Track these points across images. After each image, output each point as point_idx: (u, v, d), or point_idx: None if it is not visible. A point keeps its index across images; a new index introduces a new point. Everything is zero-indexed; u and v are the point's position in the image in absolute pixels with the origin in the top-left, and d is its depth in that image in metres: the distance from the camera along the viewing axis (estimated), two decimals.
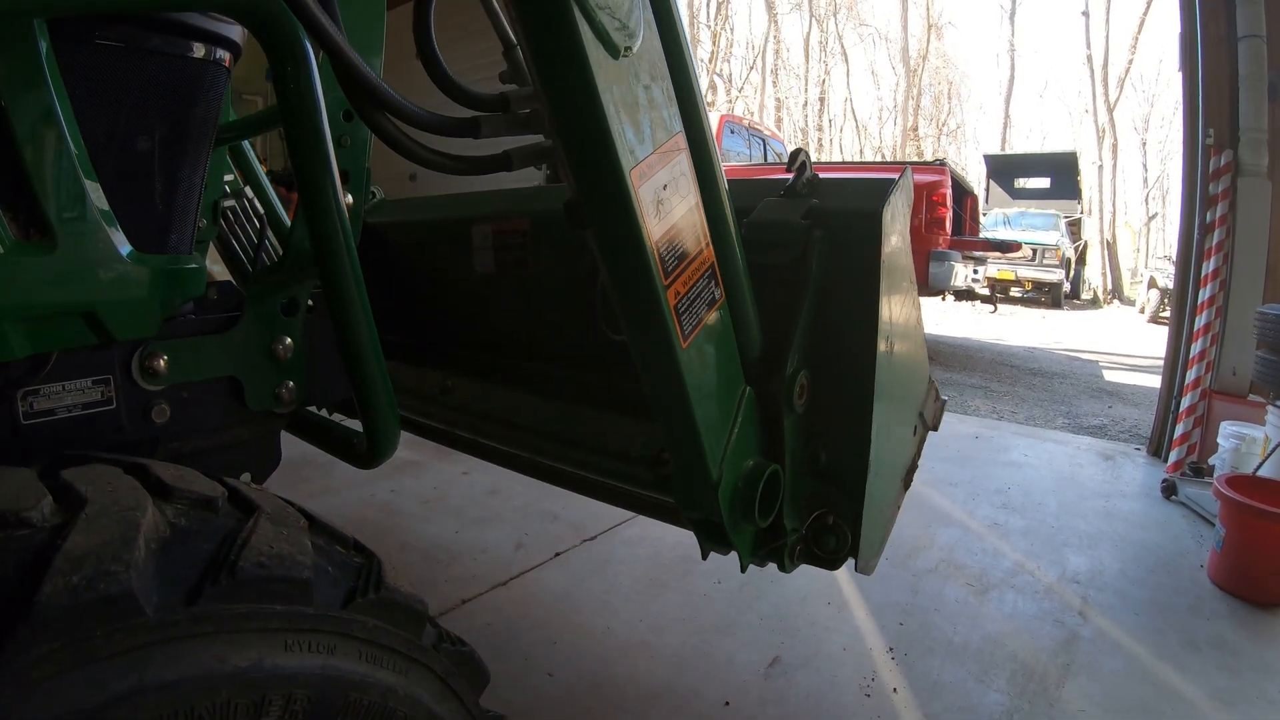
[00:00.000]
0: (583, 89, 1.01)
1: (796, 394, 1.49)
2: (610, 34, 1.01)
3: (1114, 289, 25.98)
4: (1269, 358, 3.69)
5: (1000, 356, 9.89)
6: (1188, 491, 4.01)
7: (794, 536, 1.58)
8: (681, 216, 1.20)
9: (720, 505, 1.34)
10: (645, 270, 1.13)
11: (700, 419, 1.26)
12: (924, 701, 2.18)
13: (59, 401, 1.09)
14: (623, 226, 1.11)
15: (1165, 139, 34.13)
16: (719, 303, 1.31)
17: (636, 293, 1.17)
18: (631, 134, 1.08)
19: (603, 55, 1.01)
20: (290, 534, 0.80)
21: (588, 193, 1.12)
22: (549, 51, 1.02)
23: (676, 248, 1.18)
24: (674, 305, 1.18)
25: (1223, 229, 4.57)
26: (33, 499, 0.70)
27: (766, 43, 35.20)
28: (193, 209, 1.30)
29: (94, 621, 0.62)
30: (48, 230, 0.97)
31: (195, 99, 1.23)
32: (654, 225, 1.13)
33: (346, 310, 1.29)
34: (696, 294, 1.24)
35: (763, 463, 1.44)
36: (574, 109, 1.04)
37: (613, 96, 1.04)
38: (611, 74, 1.04)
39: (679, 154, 1.20)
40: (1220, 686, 2.33)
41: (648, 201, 1.11)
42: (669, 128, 1.18)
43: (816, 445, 1.59)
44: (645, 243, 1.11)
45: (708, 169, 1.32)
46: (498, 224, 2.10)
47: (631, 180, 1.08)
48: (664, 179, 1.15)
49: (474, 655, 0.98)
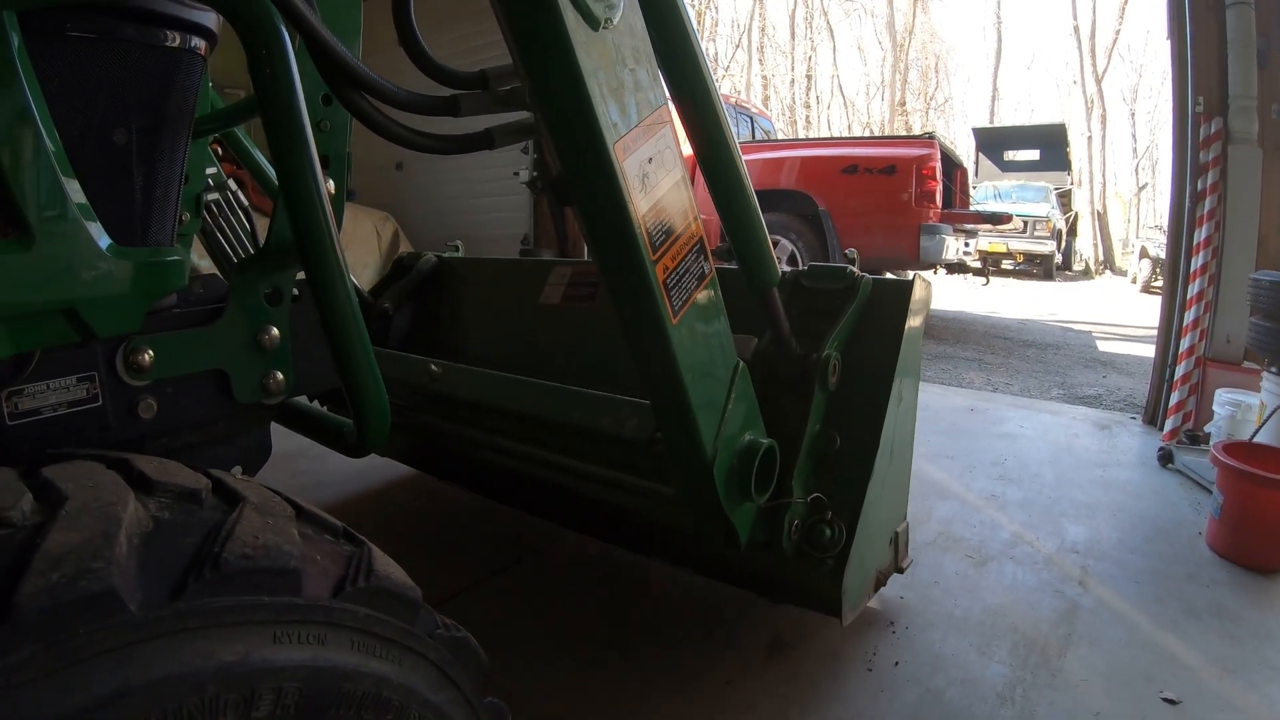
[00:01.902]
0: (562, 62, 1.01)
1: (830, 371, 1.69)
2: (589, 5, 1.01)
3: (1105, 260, 25.99)
4: (1263, 324, 3.68)
5: (993, 329, 9.89)
6: (1184, 459, 4.01)
7: (797, 505, 1.64)
8: (668, 190, 1.19)
9: (716, 482, 1.35)
10: (633, 245, 1.12)
11: (693, 396, 1.26)
12: (926, 675, 2.18)
13: (44, 401, 1.07)
14: (608, 201, 1.10)
15: (1154, 109, 34.05)
16: (709, 278, 1.31)
17: (624, 268, 1.17)
18: (614, 107, 1.07)
19: (581, 27, 1.01)
20: (277, 524, 0.79)
21: (571, 168, 1.12)
22: (527, 24, 1.01)
23: (663, 222, 1.18)
24: (663, 281, 1.17)
25: (1214, 197, 4.56)
26: (12, 498, 0.69)
27: (752, 20, 35.07)
28: (172, 201, 1.29)
29: (76, 621, 0.61)
30: (24, 227, 0.96)
31: (171, 89, 1.21)
32: (640, 200, 1.12)
33: (331, 298, 1.27)
34: (685, 269, 1.23)
35: (759, 438, 1.44)
36: (554, 83, 1.04)
37: (593, 70, 1.03)
38: (592, 47, 1.03)
39: (663, 127, 1.19)
40: (1221, 653, 2.33)
41: (632, 175, 1.11)
42: (653, 101, 1.17)
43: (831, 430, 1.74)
44: (631, 217, 1.11)
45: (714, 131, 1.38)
46: (578, 269, 2.29)
47: (615, 154, 1.07)
48: (649, 152, 1.15)
49: (470, 642, 0.97)
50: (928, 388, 5.90)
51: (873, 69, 38.83)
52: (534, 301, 2.29)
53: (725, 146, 1.45)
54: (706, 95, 1.38)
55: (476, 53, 3.89)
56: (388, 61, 1.96)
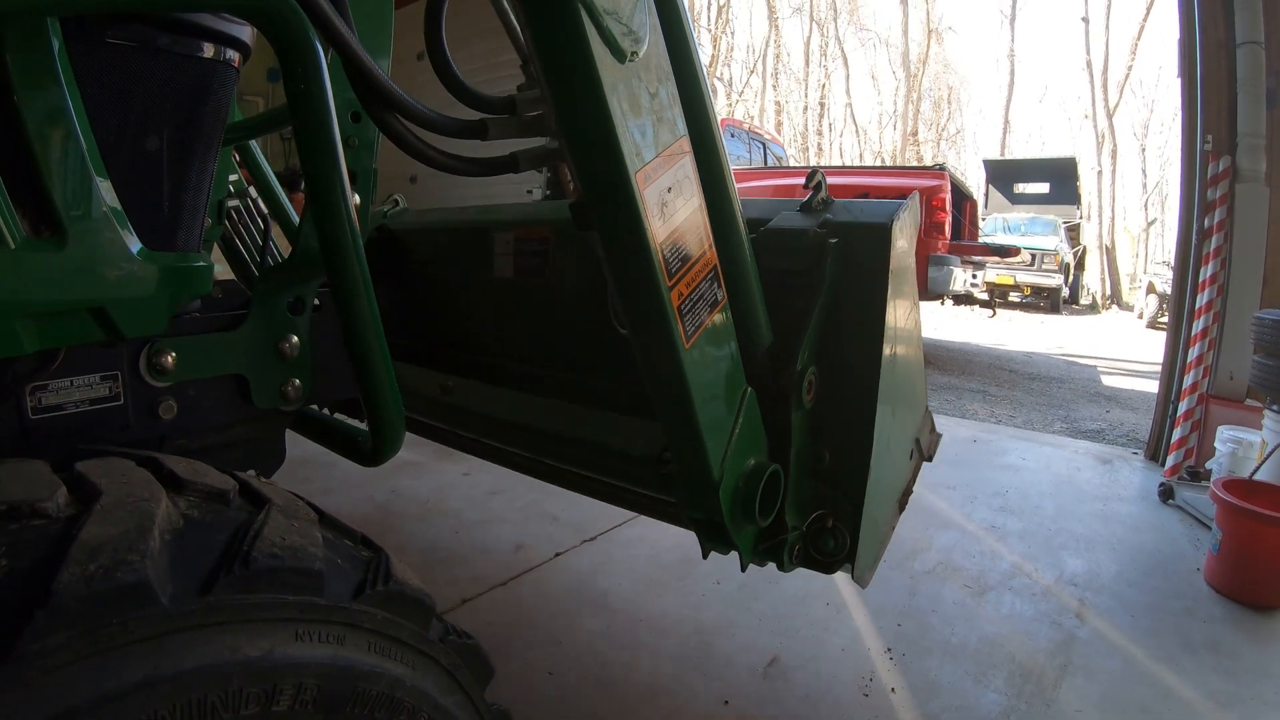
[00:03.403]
0: (589, 92, 1.03)
1: (805, 388, 1.55)
2: (617, 39, 1.03)
3: (1112, 294, 25.99)
4: (1266, 362, 3.70)
5: (999, 361, 9.90)
6: (1185, 495, 4.02)
7: (794, 534, 1.61)
8: (685, 219, 1.21)
9: (721, 504, 1.35)
10: (649, 271, 1.14)
11: (702, 419, 1.28)
12: (922, 701, 2.19)
13: (67, 397, 1.10)
14: (627, 228, 1.12)
15: (1164, 145, 34.17)
16: (721, 304, 1.32)
17: (641, 293, 1.18)
18: (637, 137, 1.09)
19: (609, 59, 1.03)
20: (301, 526, 0.82)
21: (593, 195, 1.14)
22: (556, 55, 1.04)
23: (680, 250, 1.20)
24: (677, 306, 1.19)
25: (1220, 234, 4.58)
26: (48, 490, 0.71)
27: (767, 47, 35.27)
28: (201, 208, 1.32)
29: (110, 610, 0.63)
30: (58, 227, 0.98)
31: (204, 99, 1.24)
32: (658, 227, 1.14)
33: (354, 309, 1.30)
34: (699, 295, 1.25)
35: (764, 462, 1.45)
36: (580, 112, 1.06)
37: (619, 100, 1.05)
38: (618, 77, 1.05)
39: (683, 157, 1.21)
40: (1217, 688, 2.34)
41: (652, 204, 1.13)
42: (674, 131, 1.19)
43: (821, 445, 1.64)
44: (650, 244, 1.13)
45: (716, 170, 1.34)
46: (520, 231, 2.13)
47: (637, 183, 1.09)
48: (668, 181, 1.17)
49: (479, 649, 0.99)
50: None
51: (886, 98, 39.07)
52: (487, 275, 2.20)
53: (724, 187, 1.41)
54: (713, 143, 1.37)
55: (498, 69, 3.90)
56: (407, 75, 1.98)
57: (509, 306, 2.20)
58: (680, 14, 1.25)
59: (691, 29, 1.31)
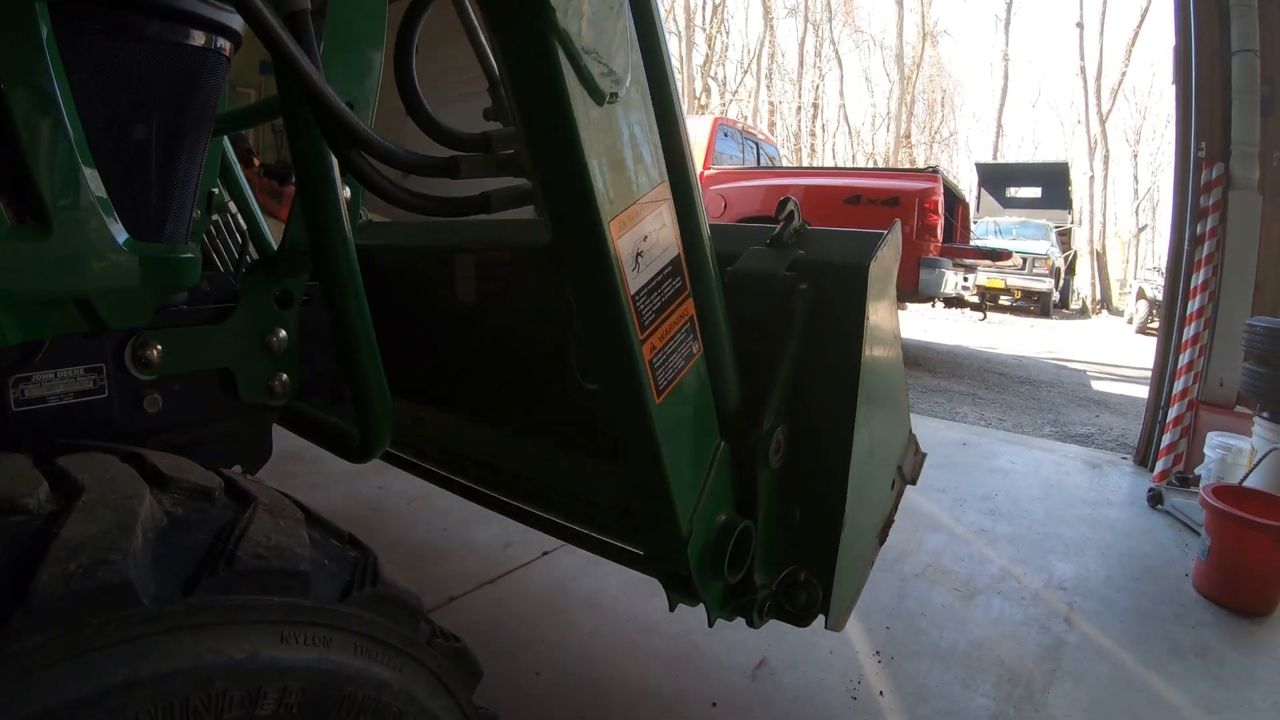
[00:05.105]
0: (564, 135, 0.97)
1: (773, 449, 1.45)
2: (596, 79, 0.97)
3: (1103, 299, 26.11)
4: (1257, 369, 3.71)
5: (989, 364, 9.92)
6: (1174, 501, 4.03)
7: (764, 592, 1.53)
8: (662, 269, 1.16)
9: (689, 560, 1.29)
10: (620, 324, 1.08)
11: (671, 475, 1.21)
12: (910, 705, 2.18)
13: (50, 389, 1.08)
14: (599, 278, 1.06)
15: (1156, 151, 34.36)
16: (696, 357, 1.27)
17: (610, 346, 1.12)
18: (612, 183, 1.03)
19: (587, 101, 0.97)
20: (287, 526, 0.80)
21: (565, 240, 1.08)
22: (531, 95, 0.98)
23: (654, 301, 1.14)
24: (649, 360, 1.13)
25: (1213, 241, 4.60)
26: (28, 485, 0.69)
27: (761, 47, 35.30)
28: (189, 198, 1.30)
29: (90, 611, 0.62)
30: (43, 216, 0.97)
31: (195, 87, 1.22)
32: (632, 278, 1.09)
33: (344, 303, 1.28)
34: (674, 348, 1.19)
35: (735, 518, 1.39)
36: (554, 155, 1.00)
37: (595, 144, 0.99)
38: (595, 121, 0.99)
39: (662, 204, 1.16)
40: (1205, 694, 2.34)
41: (626, 254, 1.07)
42: (652, 177, 1.13)
43: (791, 501, 1.53)
44: (622, 296, 1.07)
45: (692, 218, 1.27)
46: (481, 254, 2.04)
47: (610, 231, 1.03)
48: (645, 230, 1.11)
49: (467, 651, 0.98)
50: (921, 421, 5.92)
51: (879, 100, 39.15)
52: (449, 298, 2.09)
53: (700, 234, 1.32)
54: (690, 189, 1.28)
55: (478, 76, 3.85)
56: None
57: (473, 333, 2.11)
58: (662, 53, 1.19)
59: (673, 69, 1.25)
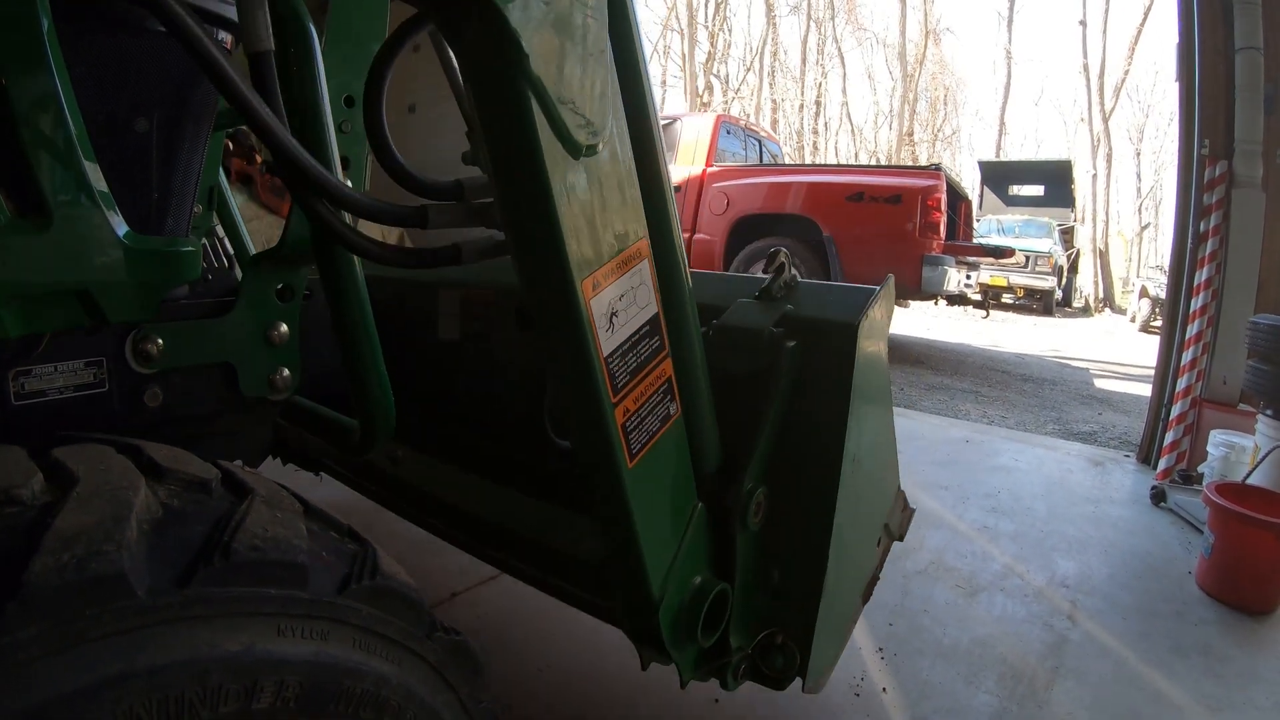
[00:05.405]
0: (535, 189, 0.91)
1: (752, 512, 1.40)
2: (571, 130, 0.91)
3: (1105, 297, 26.07)
4: (1260, 367, 3.70)
5: (991, 362, 9.91)
6: (1176, 499, 4.02)
7: (740, 655, 1.48)
8: (639, 328, 1.10)
9: (661, 624, 1.25)
10: (591, 386, 1.04)
11: (644, 538, 1.17)
12: (913, 702, 2.17)
13: (50, 383, 1.08)
14: (569, 339, 1.01)
15: (1159, 149, 34.41)
16: (674, 418, 1.22)
17: (582, 407, 1.08)
18: (587, 241, 0.98)
19: (560, 153, 0.92)
20: (285, 518, 0.79)
21: (536, 299, 1.03)
22: (501, 145, 0.92)
23: (629, 362, 1.09)
24: (621, 424, 1.09)
25: (1216, 239, 4.58)
26: (23, 476, 0.69)
27: (764, 44, 35.26)
28: (190, 192, 1.29)
29: (84, 602, 0.61)
30: (43, 209, 0.96)
31: (196, 81, 1.21)
32: (605, 339, 1.03)
33: (345, 297, 1.28)
34: (649, 410, 1.15)
35: (711, 580, 1.34)
36: (524, 209, 0.95)
37: (568, 199, 0.94)
38: (569, 174, 0.94)
39: (640, 261, 1.10)
40: (1207, 692, 2.33)
41: (599, 315, 1.02)
42: (632, 234, 1.07)
43: (771, 563, 1.48)
44: (593, 358, 1.02)
45: (674, 273, 1.23)
46: (467, 291, 1.98)
47: (583, 291, 0.98)
48: (620, 289, 1.06)
49: (468, 646, 0.97)
50: (924, 419, 5.91)
51: (882, 98, 39.14)
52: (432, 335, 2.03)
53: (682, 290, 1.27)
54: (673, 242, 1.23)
55: None
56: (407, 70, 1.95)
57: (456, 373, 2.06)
58: (646, 100, 1.14)
59: (658, 114, 1.20)
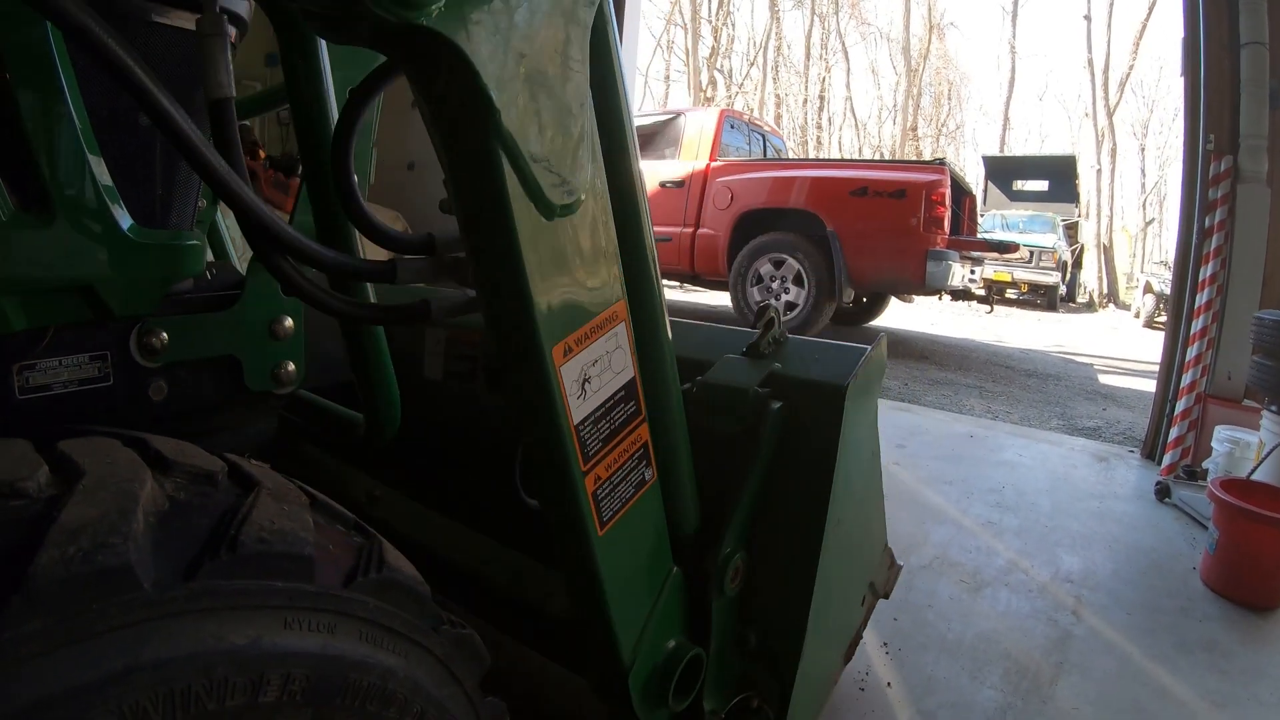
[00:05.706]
0: (503, 250, 0.87)
1: (729, 577, 1.37)
2: (544, 190, 0.87)
3: (1110, 293, 26.04)
4: (1264, 363, 3.69)
5: (995, 357, 9.89)
6: (1181, 494, 4.01)
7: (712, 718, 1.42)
8: (613, 394, 1.06)
9: (630, 691, 1.21)
10: (560, 453, 0.99)
11: (614, 606, 1.13)
12: (918, 697, 2.17)
13: (55, 377, 1.08)
14: (538, 406, 0.97)
15: (1164, 145, 34.30)
16: (649, 484, 1.17)
17: (550, 474, 1.04)
18: (557, 306, 0.93)
19: (532, 215, 0.87)
20: (292, 510, 0.79)
21: (505, 361, 0.98)
22: (470, 202, 0.88)
23: (602, 429, 1.05)
24: (591, 492, 1.04)
25: (1221, 234, 4.57)
26: (28, 469, 0.69)
27: (768, 39, 35.20)
28: (194, 186, 1.29)
29: (90, 595, 0.61)
30: (47, 203, 0.96)
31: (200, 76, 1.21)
32: (575, 406, 0.99)
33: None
34: (622, 477, 1.10)
35: (684, 645, 1.30)
36: (492, 270, 0.91)
37: (539, 262, 0.89)
38: (541, 236, 0.89)
39: (616, 324, 1.05)
40: (1212, 688, 2.33)
41: (570, 381, 0.97)
42: (608, 296, 1.03)
43: (748, 626, 1.45)
44: (563, 425, 0.98)
45: (653, 335, 1.19)
46: (451, 331, 1.94)
47: (552, 358, 0.94)
48: (595, 354, 1.02)
49: (474, 639, 0.97)
50: (928, 413, 5.90)
51: (886, 93, 39.06)
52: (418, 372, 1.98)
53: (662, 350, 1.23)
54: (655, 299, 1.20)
55: None
56: None
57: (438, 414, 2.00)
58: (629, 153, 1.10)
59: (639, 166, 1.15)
